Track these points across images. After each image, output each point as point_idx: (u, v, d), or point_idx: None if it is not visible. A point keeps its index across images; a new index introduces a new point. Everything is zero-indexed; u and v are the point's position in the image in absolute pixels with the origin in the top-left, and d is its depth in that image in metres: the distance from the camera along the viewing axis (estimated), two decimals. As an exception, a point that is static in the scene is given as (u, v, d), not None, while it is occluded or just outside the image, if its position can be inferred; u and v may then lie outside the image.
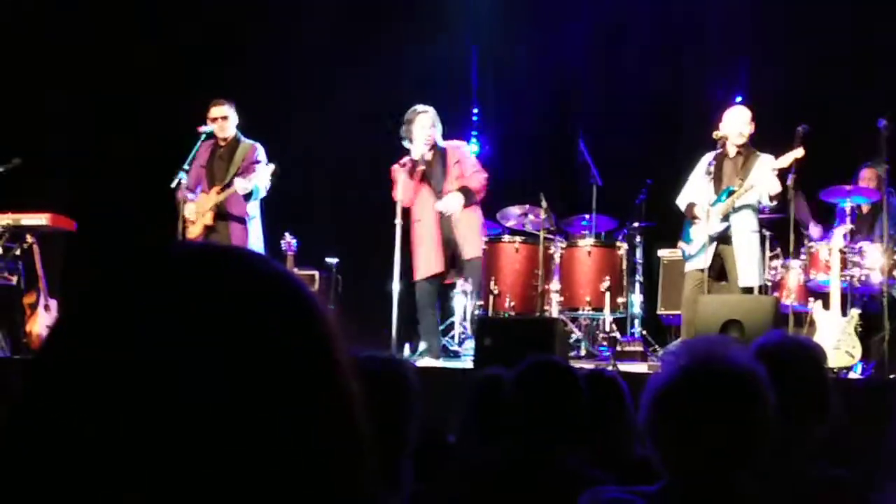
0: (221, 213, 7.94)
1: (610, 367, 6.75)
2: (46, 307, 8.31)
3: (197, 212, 7.91)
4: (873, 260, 7.68)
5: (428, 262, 7.97)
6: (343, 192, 10.28)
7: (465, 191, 7.97)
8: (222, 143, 8.11)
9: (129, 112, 9.92)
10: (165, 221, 7.92)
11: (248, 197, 7.92)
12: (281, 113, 10.17)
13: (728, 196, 7.56)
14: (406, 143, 8.03)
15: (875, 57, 9.36)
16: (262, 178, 7.88)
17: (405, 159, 8.03)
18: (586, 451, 3.23)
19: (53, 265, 8.53)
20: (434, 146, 8.08)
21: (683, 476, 2.07)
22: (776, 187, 7.43)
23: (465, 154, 8.32)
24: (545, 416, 3.08)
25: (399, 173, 8.02)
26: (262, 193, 8.00)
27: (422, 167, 8.00)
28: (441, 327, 8.49)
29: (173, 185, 7.78)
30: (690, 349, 2.13)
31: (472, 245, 7.99)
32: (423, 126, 8.04)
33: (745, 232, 7.60)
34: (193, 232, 7.87)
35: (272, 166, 7.92)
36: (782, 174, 7.48)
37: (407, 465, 2.62)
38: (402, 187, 7.98)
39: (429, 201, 8.02)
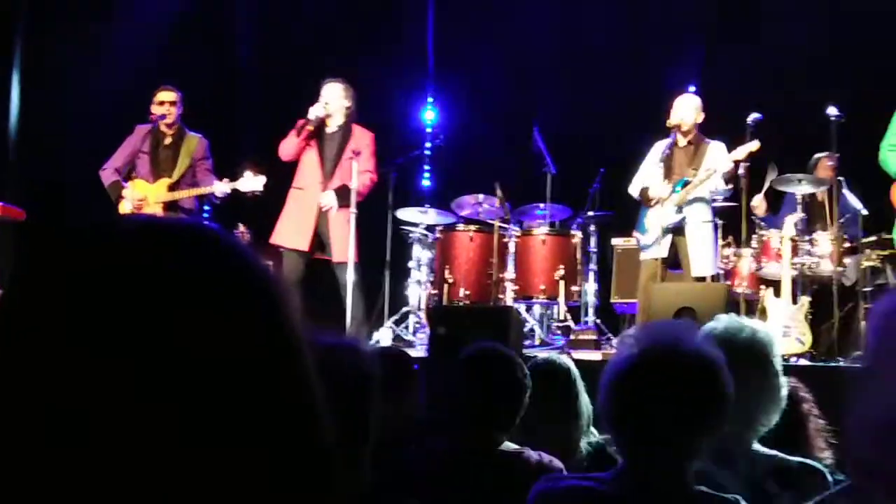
0: (171, 206, 7.82)
1: (564, 355, 6.76)
2: (-5, 297, 8.18)
3: (143, 200, 7.76)
4: (824, 248, 7.76)
5: (296, 235, 7.78)
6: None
7: (343, 190, 7.73)
8: (167, 132, 7.94)
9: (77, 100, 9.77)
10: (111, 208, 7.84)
11: (214, 195, 7.84)
12: (228, 102, 10.08)
13: (683, 187, 7.60)
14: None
15: (827, 44, 9.45)
16: (250, 186, 7.75)
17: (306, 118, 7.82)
18: (535, 438, 3.24)
19: (3, 255, 8.39)
20: (346, 122, 7.90)
21: (640, 459, 2.08)
22: (729, 166, 7.48)
23: (368, 148, 7.92)
24: (488, 402, 3.08)
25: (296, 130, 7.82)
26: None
27: (311, 128, 7.76)
28: (395, 316, 8.47)
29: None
30: (649, 332, 2.13)
31: (338, 248, 7.74)
32: (335, 95, 7.86)
33: (699, 222, 7.65)
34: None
35: (262, 178, 7.76)
36: (735, 165, 7.54)
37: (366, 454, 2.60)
38: (288, 142, 7.83)
39: (315, 175, 7.81)
